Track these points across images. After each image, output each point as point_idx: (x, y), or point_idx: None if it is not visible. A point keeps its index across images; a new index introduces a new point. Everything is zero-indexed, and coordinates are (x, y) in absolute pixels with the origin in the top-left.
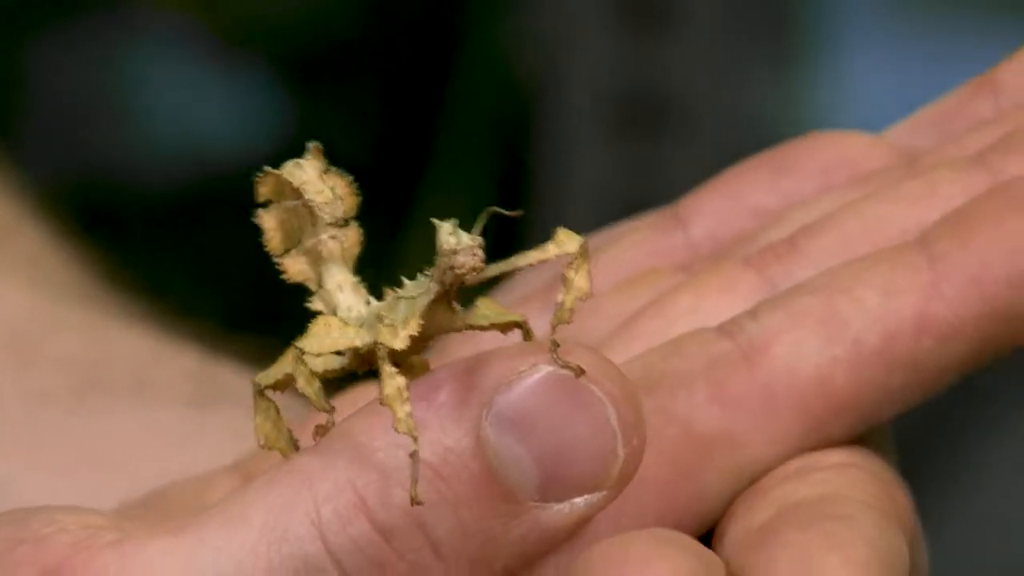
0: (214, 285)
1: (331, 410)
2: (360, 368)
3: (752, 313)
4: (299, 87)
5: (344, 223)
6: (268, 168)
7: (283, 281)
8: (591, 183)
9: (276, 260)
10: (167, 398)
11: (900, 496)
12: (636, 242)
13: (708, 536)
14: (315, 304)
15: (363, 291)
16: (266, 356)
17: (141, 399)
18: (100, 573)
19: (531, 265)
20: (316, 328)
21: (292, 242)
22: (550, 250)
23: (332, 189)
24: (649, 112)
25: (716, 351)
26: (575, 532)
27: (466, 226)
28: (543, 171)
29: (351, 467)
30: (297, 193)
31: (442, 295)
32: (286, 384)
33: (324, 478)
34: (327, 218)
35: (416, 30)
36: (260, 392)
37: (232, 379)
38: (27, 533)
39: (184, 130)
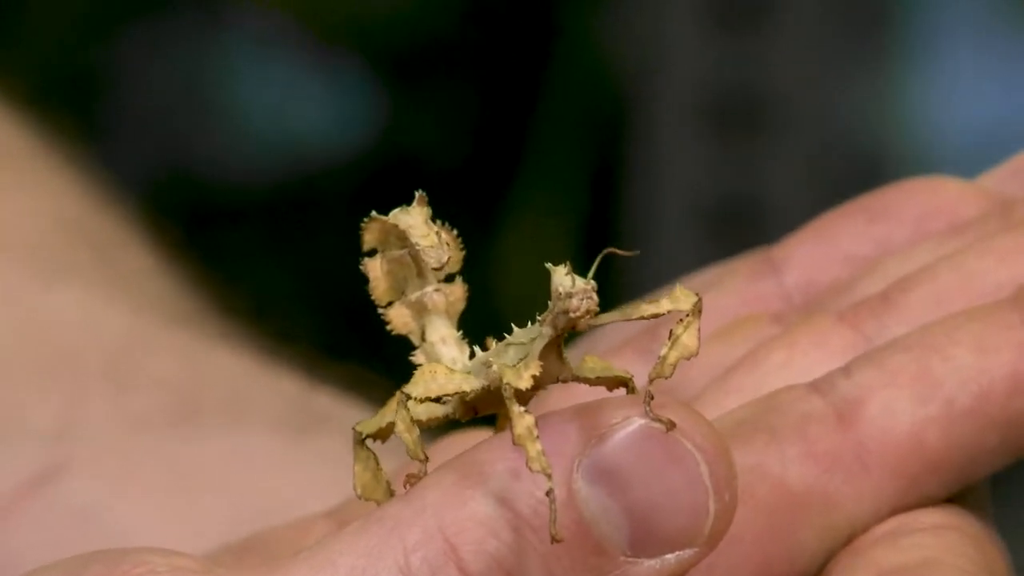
0: (312, 280)
1: (425, 459)
2: (464, 416)
3: (845, 370)
4: (394, 85)
5: (450, 278)
6: (374, 214)
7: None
8: (685, 182)
9: (380, 311)
10: (264, 423)
11: (997, 559)
12: (731, 288)
13: None
14: (418, 358)
15: (466, 347)
16: (365, 384)
17: (237, 424)
18: None
19: (643, 317)
20: (422, 374)
21: (397, 293)
22: (664, 305)
23: (438, 235)
24: (744, 111)
25: (809, 408)
26: None
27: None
28: (636, 170)
29: (442, 515)
30: (403, 240)
31: (554, 340)
32: (388, 434)
33: (414, 525)
34: (432, 262)
35: (511, 29)
36: (360, 441)
37: (330, 406)
38: (117, 573)
39: (279, 128)
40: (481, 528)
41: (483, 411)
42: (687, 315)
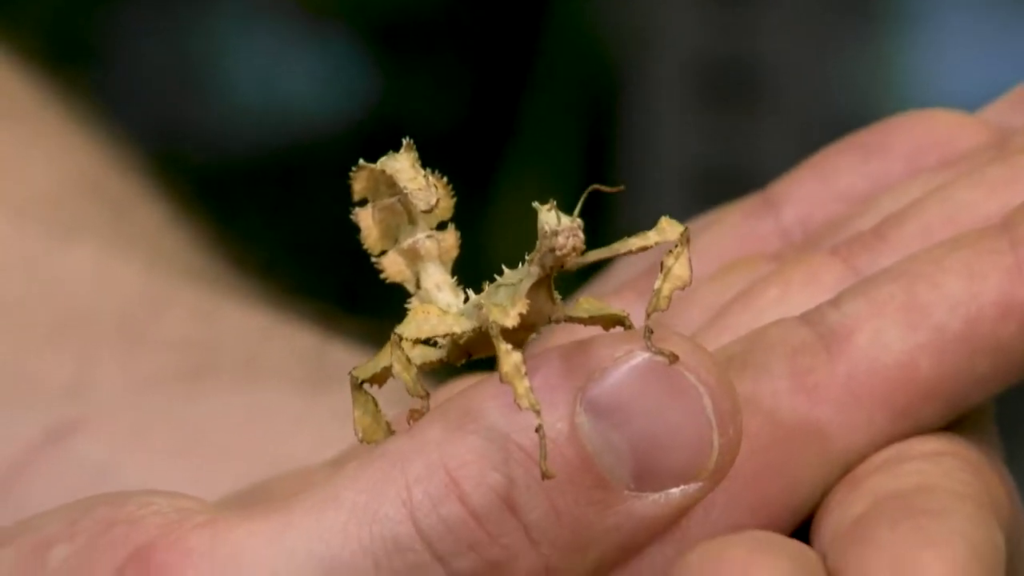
0: (305, 250)
1: (426, 395)
2: (458, 360)
3: (834, 302)
4: (386, 57)
5: (442, 225)
6: (362, 162)
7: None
8: (678, 153)
9: (374, 260)
10: (278, 380)
11: (996, 484)
12: (728, 229)
13: (805, 527)
14: (413, 305)
15: (461, 292)
16: (379, 336)
17: (251, 380)
18: (189, 553)
19: (631, 252)
20: (415, 315)
21: (389, 242)
22: (651, 237)
23: (426, 178)
24: (736, 82)
25: (798, 340)
26: (671, 524)
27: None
28: (629, 140)
29: (444, 449)
30: (392, 187)
31: (543, 279)
32: (384, 378)
33: (416, 459)
34: (421, 204)
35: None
36: (358, 386)
37: (345, 360)
38: (121, 515)
39: (272, 100)
40: (483, 461)
41: (477, 354)
42: (676, 246)
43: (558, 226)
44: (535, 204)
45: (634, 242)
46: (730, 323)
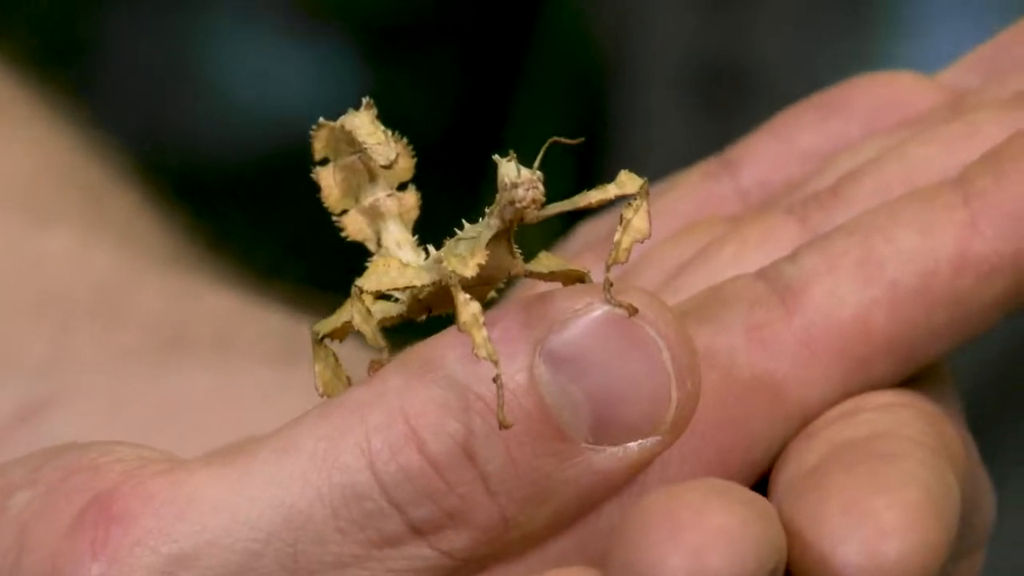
0: (297, 253)
1: (386, 347)
2: (418, 315)
3: (790, 258)
4: (377, 56)
5: (402, 186)
6: (322, 120)
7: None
8: (670, 153)
9: (335, 219)
10: (251, 356)
11: (952, 435)
12: (687, 191)
13: (762, 485)
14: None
15: (421, 251)
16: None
17: (224, 357)
18: (149, 498)
19: (591, 205)
20: (375, 268)
21: (350, 201)
22: (611, 190)
23: (385, 133)
24: (729, 82)
25: (754, 295)
26: (629, 479)
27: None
28: (621, 143)
29: (403, 398)
30: (352, 145)
31: (503, 232)
32: (345, 332)
33: (376, 408)
34: (380, 160)
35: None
36: (319, 340)
37: None
38: (84, 461)
39: (262, 99)
40: (442, 410)
41: (437, 309)
42: (635, 198)
43: (518, 178)
44: (495, 157)
45: (594, 195)
46: (686, 282)
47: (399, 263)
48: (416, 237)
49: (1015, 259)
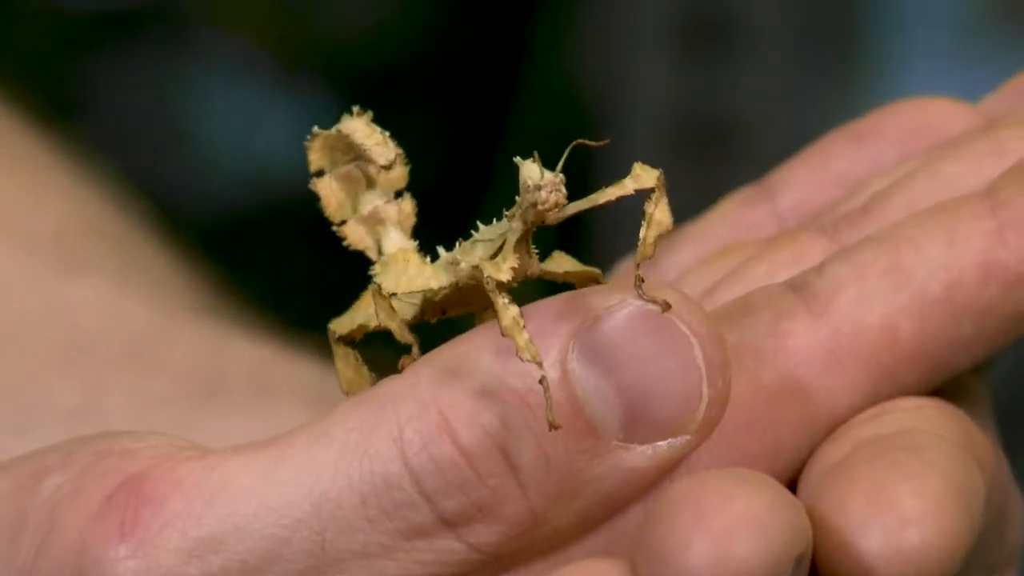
0: (277, 305)
1: (415, 343)
2: (432, 316)
3: (818, 268)
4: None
5: (399, 194)
6: (316, 128)
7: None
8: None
9: (335, 228)
10: (287, 403)
11: (979, 435)
12: (724, 216)
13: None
14: (376, 271)
15: (424, 256)
16: (384, 363)
17: (261, 404)
18: (179, 483)
19: (610, 202)
20: (394, 263)
21: (349, 211)
22: (628, 185)
23: (382, 134)
24: (711, 135)
25: (781, 303)
26: (658, 478)
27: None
28: None
29: (436, 388)
30: (348, 151)
31: (523, 234)
32: (360, 333)
33: (409, 399)
34: (380, 160)
35: (478, 53)
36: (337, 340)
37: None
38: (116, 447)
39: (246, 154)
40: (475, 402)
41: (451, 311)
42: (654, 192)
43: (541, 180)
44: (516, 159)
45: (612, 191)
46: (719, 299)
47: (418, 260)
48: (416, 243)
49: None
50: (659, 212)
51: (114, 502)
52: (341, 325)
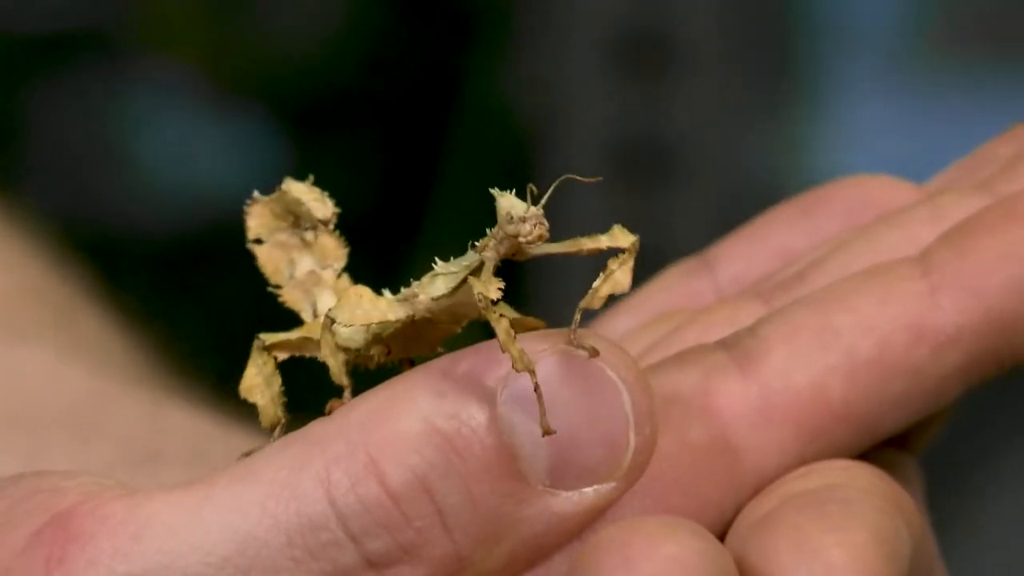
0: (219, 328)
1: (349, 385)
2: (373, 356)
3: (750, 328)
4: (299, 135)
5: (337, 272)
6: (256, 194)
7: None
8: (590, 229)
9: (273, 289)
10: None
11: (907, 499)
12: (664, 286)
13: None
14: (341, 292)
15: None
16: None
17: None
18: (106, 520)
19: (581, 252)
20: (347, 298)
21: (284, 277)
22: (603, 241)
23: (321, 193)
24: (648, 160)
25: (713, 362)
26: (584, 525)
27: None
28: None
29: (367, 431)
30: (287, 214)
31: (489, 269)
32: (286, 348)
33: (337, 440)
34: (319, 214)
35: (416, 78)
36: (262, 349)
37: None
38: (46, 484)
39: (184, 178)
40: (404, 444)
41: (396, 352)
42: (623, 253)
43: (525, 213)
44: (494, 191)
45: (585, 243)
46: (652, 359)
47: (371, 294)
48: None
49: (974, 332)
50: (621, 273)
51: (41, 538)
52: (272, 337)
